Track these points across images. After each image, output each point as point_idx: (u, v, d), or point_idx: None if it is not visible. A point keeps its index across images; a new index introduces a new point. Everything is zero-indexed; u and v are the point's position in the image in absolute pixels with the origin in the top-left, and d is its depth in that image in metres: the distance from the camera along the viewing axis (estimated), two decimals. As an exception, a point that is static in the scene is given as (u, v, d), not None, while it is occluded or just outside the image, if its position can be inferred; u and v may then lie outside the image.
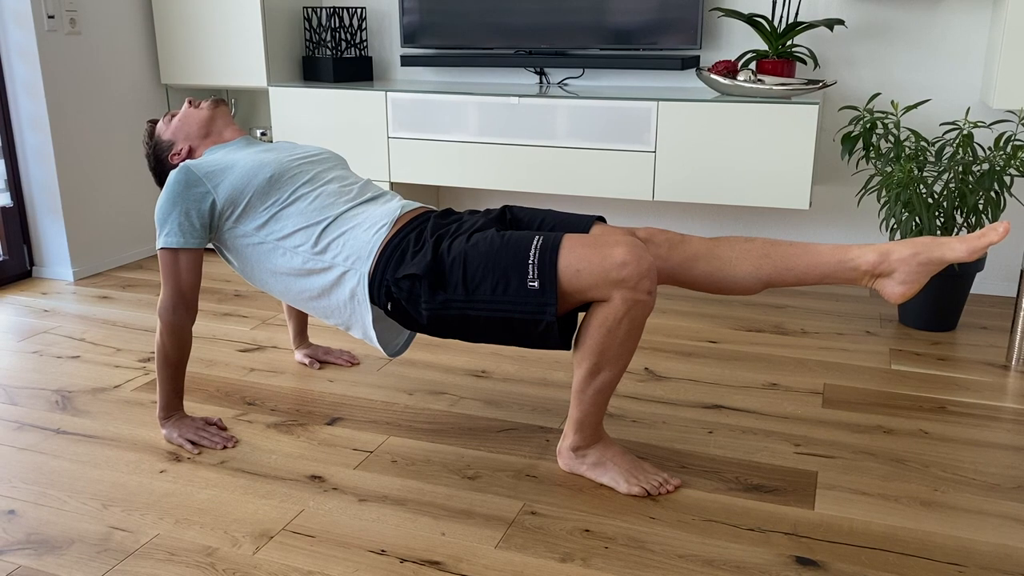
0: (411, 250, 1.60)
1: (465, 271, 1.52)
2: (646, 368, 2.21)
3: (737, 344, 2.37)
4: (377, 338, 1.70)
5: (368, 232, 1.66)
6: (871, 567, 1.40)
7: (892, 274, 1.53)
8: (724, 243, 1.62)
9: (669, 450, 1.78)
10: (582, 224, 1.67)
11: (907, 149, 2.44)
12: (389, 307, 1.62)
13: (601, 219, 1.70)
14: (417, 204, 1.76)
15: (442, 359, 2.27)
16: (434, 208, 1.77)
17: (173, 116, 1.94)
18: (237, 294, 2.83)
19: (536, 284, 1.48)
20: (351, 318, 1.69)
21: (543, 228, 1.69)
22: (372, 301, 1.64)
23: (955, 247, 1.48)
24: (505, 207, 1.75)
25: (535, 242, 1.51)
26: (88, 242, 3.05)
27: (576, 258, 1.47)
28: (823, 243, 1.53)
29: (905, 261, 1.51)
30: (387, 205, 1.72)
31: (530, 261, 1.49)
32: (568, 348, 1.57)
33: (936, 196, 2.39)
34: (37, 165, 2.92)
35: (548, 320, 1.48)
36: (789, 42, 2.69)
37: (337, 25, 3.09)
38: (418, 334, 2.45)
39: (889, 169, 2.40)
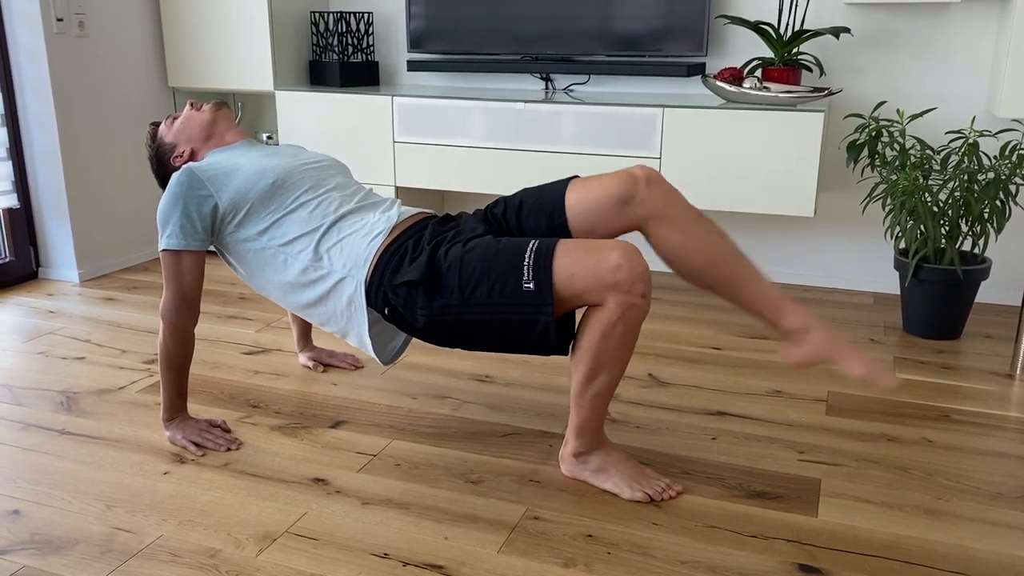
0: (408, 256, 1.60)
1: (461, 276, 1.52)
2: (649, 374, 2.21)
3: (741, 351, 2.37)
4: (372, 345, 1.70)
5: (365, 239, 1.66)
6: (874, 575, 1.39)
7: (799, 344, 1.62)
8: (701, 226, 1.63)
9: (672, 456, 1.78)
10: (559, 187, 1.67)
11: (912, 157, 2.44)
12: (386, 312, 1.62)
13: (575, 177, 1.70)
14: (416, 210, 1.76)
15: (446, 363, 2.27)
16: (434, 213, 1.77)
17: (175, 119, 1.94)
18: (242, 297, 2.84)
19: (532, 286, 1.48)
20: (347, 325, 1.70)
21: (523, 210, 1.69)
22: (369, 305, 1.64)
23: (853, 367, 1.58)
24: (487, 208, 1.74)
25: (530, 246, 1.52)
26: (94, 244, 3.06)
27: (570, 262, 1.47)
28: (773, 285, 1.64)
29: (815, 343, 1.61)
30: (386, 213, 1.73)
31: (525, 264, 1.49)
32: (566, 353, 1.57)
33: (941, 204, 2.39)
34: (44, 167, 2.93)
35: (545, 320, 1.48)
36: (795, 50, 2.70)
37: (344, 30, 3.11)
38: (413, 340, 2.45)
39: (894, 177, 2.40)
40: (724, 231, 1.64)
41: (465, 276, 1.52)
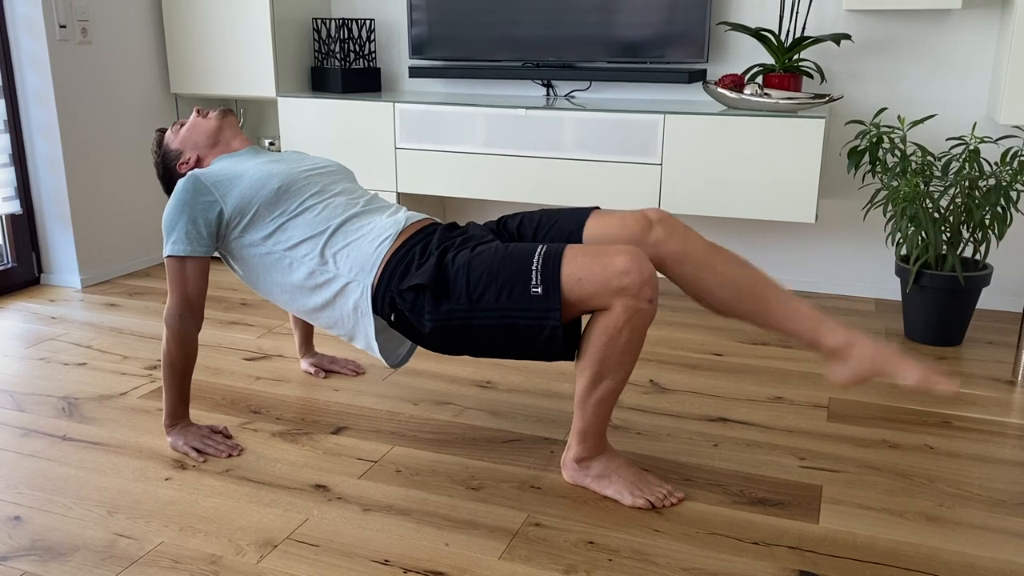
0: (416, 261, 1.61)
1: (468, 281, 1.53)
2: (651, 380, 2.21)
3: (742, 357, 2.37)
4: (379, 349, 1.70)
5: (372, 244, 1.67)
6: (876, 582, 1.39)
7: (846, 361, 1.57)
8: (721, 258, 1.62)
9: (673, 463, 1.78)
10: (579, 215, 1.69)
11: (913, 164, 2.44)
12: (392, 318, 1.63)
13: (596, 208, 1.72)
14: (423, 216, 1.77)
15: (447, 369, 2.27)
16: (439, 221, 1.78)
17: (181, 125, 1.95)
18: (243, 303, 2.84)
19: (539, 290, 1.48)
20: (354, 329, 1.70)
21: (540, 229, 1.71)
22: (375, 312, 1.64)
23: (908, 374, 1.52)
24: (501, 219, 1.76)
25: (538, 251, 1.53)
26: (96, 250, 3.06)
27: (578, 267, 1.48)
28: (806, 305, 1.60)
29: (862, 359, 1.55)
30: (393, 217, 1.73)
31: (534, 268, 1.50)
32: (572, 359, 1.57)
33: (942, 211, 2.39)
34: (46, 173, 2.94)
35: (552, 325, 1.48)
36: (796, 56, 2.70)
37: (346, 36, 3.11)
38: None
39: (895, 183, 2.40)
40: (745, 260, 1.63)
41: (473, 281, 1.53)
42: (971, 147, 2.37)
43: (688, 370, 2.28)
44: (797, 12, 2.76)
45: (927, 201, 2.36)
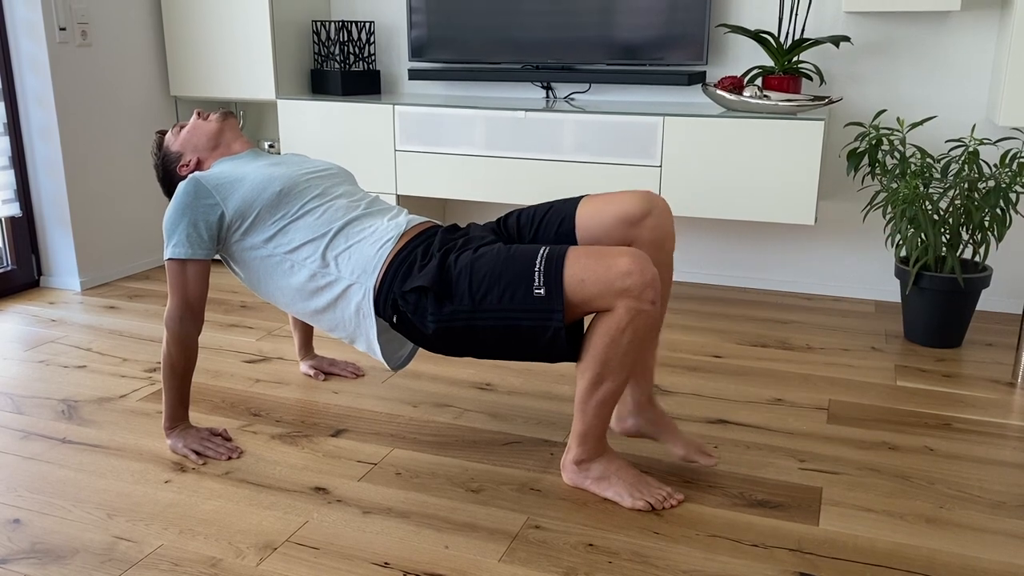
0: (418, 263, 1.61)
1: (471, 282, 1.53)
2: (651, 382, 2.21)
3: (742, 359, 2.37)
4: (381, 351, 1.70)
5: (374, 246, 1.67)
6: (876, 584, 1.39)
7: (638, 416, 1.77)
8: (666, 278, 1.71)
9: (673, 465, 1.78)
10: (571, 201, 1.72)
11: (913, 166, 2.45)
12: (395, 320, 1.63)
13: (586, 195, 1.74)
14: (424, 219, 1.77)
15: (447, 371, 2.27)
16: (440, 223, 1.78)
17: (182, 128, 1.95)
18: (243, 305, 2.84)
19: (542, 291, 1.49)
20: (356, 331, 1.70)
21: (535, 219, 1.72)
22: (378, 314, 1.65)
23: (676, 448, 1.73)
24: (500, 219, 1.76)
25: (541, 252, 1.53)
26: (96, 252, 3.06)
27: (581, 268, 1.48)
28: (655, 364, 1.79)
29: (652, 421, 1.76)
30: (394, 220, 1.74)
31: (536, 269, 1.50)
32: (575, 360, 1.57)
33: (942, 213, 2.39)
34: (46, 176, 2.94)
35: (555, 326, 1.48)
36: (795, 58, 2.70)
37: (345, 39, 3.12)
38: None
39: (895, 185, 2.40)
40: (667, 299, 1.75)
41: (476, 282, 1.53)
42: (970, 149, 2.37)
43: (688, 372, 2.28)
44: (796, 14, 2.77)
45: (926, 203, 2.36)
